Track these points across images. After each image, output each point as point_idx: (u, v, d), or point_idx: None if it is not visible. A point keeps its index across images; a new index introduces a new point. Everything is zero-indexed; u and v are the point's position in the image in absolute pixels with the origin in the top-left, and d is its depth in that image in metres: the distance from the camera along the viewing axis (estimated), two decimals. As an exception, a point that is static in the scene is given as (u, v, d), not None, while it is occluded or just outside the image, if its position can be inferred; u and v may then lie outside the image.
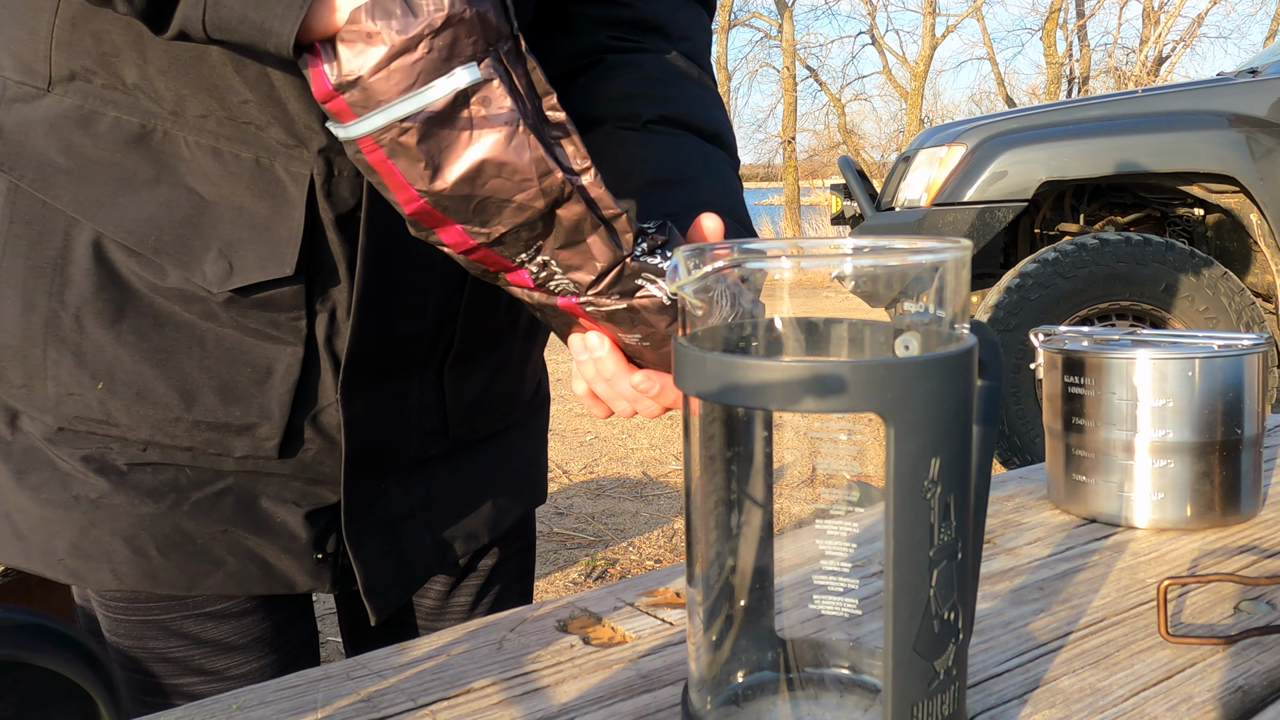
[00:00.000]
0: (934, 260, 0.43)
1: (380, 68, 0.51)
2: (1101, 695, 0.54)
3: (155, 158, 0.67)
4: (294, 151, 0.67)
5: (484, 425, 0.84)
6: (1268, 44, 12.97)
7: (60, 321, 0.68)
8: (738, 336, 0.47)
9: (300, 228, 0.67)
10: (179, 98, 0.66)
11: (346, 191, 0.68)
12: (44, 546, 0.70)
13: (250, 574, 0.73)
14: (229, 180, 0.67)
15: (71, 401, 0.69)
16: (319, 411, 0.72)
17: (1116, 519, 0.83)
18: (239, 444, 0.71)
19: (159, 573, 0.70)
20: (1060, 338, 0.89)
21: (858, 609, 0.45)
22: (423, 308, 0.75)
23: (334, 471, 0.74)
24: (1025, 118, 3.86)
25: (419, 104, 0.52)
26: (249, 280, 0.67)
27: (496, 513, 0.87)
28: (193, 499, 0.71)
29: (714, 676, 0.49)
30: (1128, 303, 3.42)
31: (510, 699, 0.54)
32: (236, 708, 0.54)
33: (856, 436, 0.44)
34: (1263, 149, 3.54)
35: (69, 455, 0.69)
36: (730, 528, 0.49)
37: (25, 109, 0.68)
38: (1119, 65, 19.62)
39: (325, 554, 0.75)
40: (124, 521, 0.69)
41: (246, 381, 0.70)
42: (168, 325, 0.69)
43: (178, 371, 0.69)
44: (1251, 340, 0.83)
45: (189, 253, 0.67)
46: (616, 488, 3.86)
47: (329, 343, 0.71)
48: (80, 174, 0.67)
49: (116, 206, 0.67)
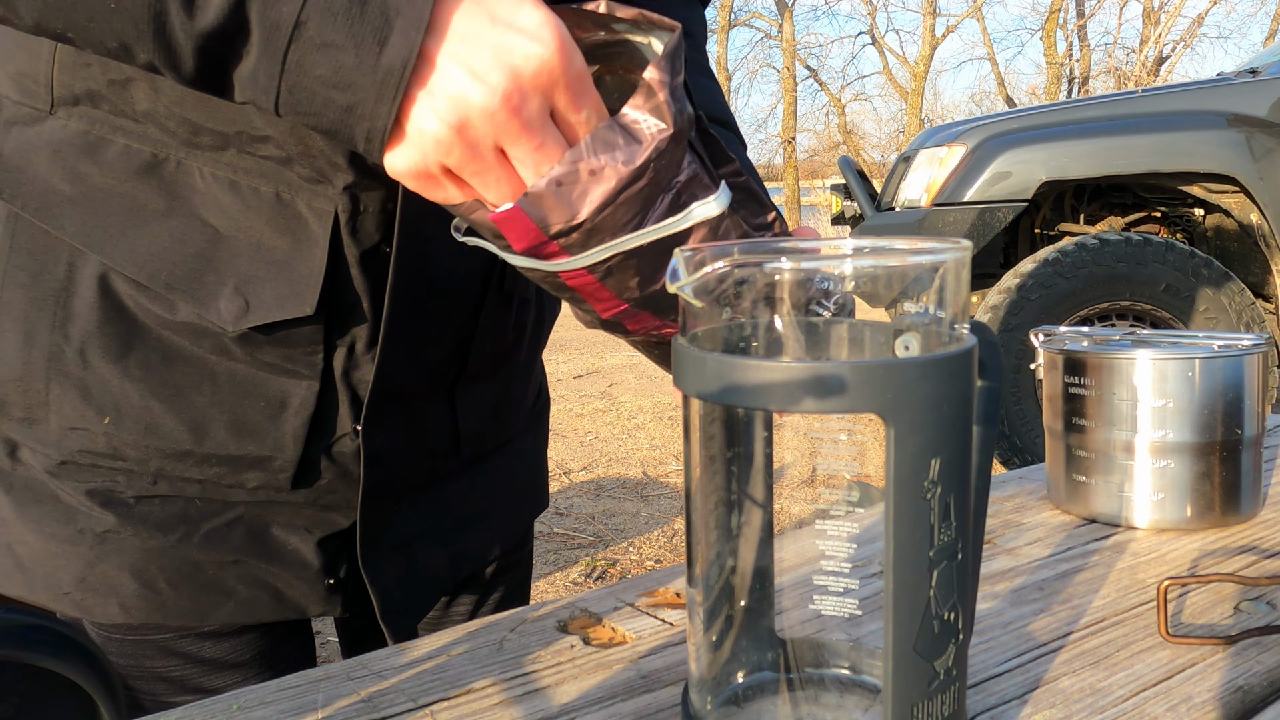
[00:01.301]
0: (934, 260, 0.43)
1: (607, 205, 0.48)
2: (1102, 695, 0.54)
3: (167, 189, 0.64)
4: (318, 187, 0.64)
5: (493, 439, 0.84)
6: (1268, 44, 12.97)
7: (64, 355, 0.66)
8: (737, 337, 0.47)
9: (322, 265, 0.64)
10: (194, 129, 0.63)
11: (372, 227, 0.66)
12: (48, 580, 0.68)
13: (262, 602, 0.71)
14: (247, 214, 0.64)
15: (76, 436, 0.67)
16: (334, 442, 0.70)
17: (1116, 519, 0.83)
18: (251, 476, 0.69)
19: (169, 605, 0.69)
20: (1060, 338, 0.89)
21: (858, 609, 0.45)
22: (442, 336, 0.74)
23: (346, 497, 0.73)
24: (1025, 118, 3.86)
25: (660, 234, 0.49)
26: (266, 319, 0.65)
27: (505, 523, 0.87)
28: (203, 530, 0.69)
29: (714, 677, 0.49)
30: (1128, 303, 3.42)
31: (510, 699, 0.54)
32: (237, 708, 0.54)
33: (856, 437, 0.44)
34: (1263, 149, 3.54)
35: (73, 489, 0.67)
36: (730, 528, 0.49)
37: (26, 132, 0.65)
38: (1119, 65, 19.61)
39: (337, 579, 0.74)
40: (132, 555, 0.68)
41: (260, 416, 0.68)
42: (177, 360, 0.66)
43: (188, 406, 0.67)
44: (1251, 340, 0.82)
45: (202, 288, 0.64)
46: (617, 488, 3.86)
47: (346, 376, 0.69)
48: (86, 203, 0.64)
49: (125, 238, 0.64)
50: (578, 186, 0.48)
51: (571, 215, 0.48)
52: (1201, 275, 3.40)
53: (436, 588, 0.81)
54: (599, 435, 4.64)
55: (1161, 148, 3.59)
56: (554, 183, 0.48)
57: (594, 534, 3.34)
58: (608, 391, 5.56)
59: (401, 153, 0.49)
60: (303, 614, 0.74)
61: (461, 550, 0.82)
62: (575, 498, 3.74)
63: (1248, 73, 3.82)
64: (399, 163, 0.49)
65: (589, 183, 0.48)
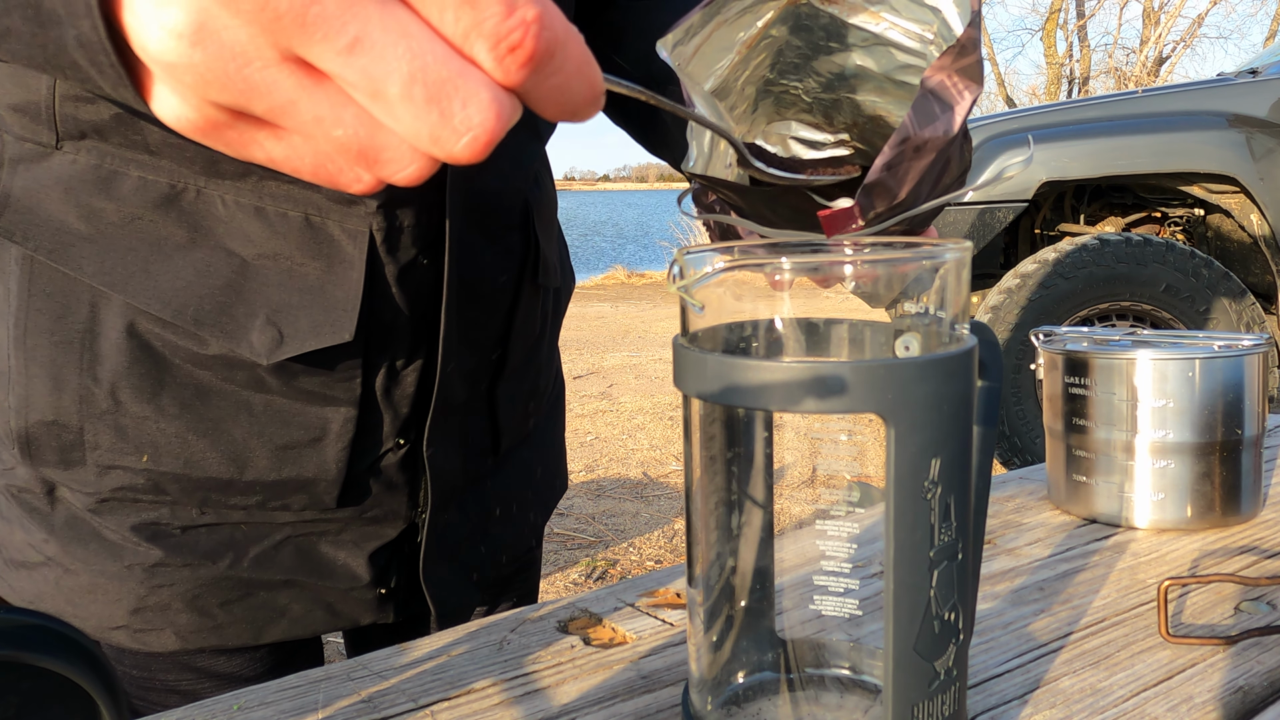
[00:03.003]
0: (934, 261, 0.43)
1: (923, 180, 0.44)
2: (1102, 695, 0.54)
3: (188, 220, 0.61)
4: (350, 209, 0.61)
5: (523, 430, 0.84)
6: (1268, 44, 12.96)
7: (94, 397, 0.63)
8: (738, 337, 0.47)
9: (359, 288, 0.62)
10: (213, 156, 0.60)
11: (409, 241, 0.64)
12: (99, 615, 0.67)
13: (316, 617, 0.71)
14: (275, 241, 0.61)
15: (115, 474, 0.65)
16: (378, 459, 0.70)
17: (1117, 519, 0.83)
18: (296, 499, 0.68)
19: (224, 628, 0.68)
20: (1060, 338, 0.89)
21: (858, 609, 0.45)
22: (484, 339, 0.74)
23: (392, 509, 0.72)
24: (1025, 118, 3.86)
25: (959, 200, 0.46)
26: (302, 349, 0.62)
27: (536, 511, 0.87)
28: (251, 554, 0.68)
29: (714, 677, 0.49)
30: (1128, 303, 3.42)
31: (511, 699, 0.54)
32: (237, 708, 0.54)
33: (857, 437, 0.44)
34: (1263, 149, 3.54)
35: (117, 525, 0.66)
36: (731, 528, 0.49)
37: (34, 170, 0.62)
38: (1119, 66, 19.62)
39: (389, 589, 0.74)
40: (184, 585, 0.67)
41: (301, 443, 0.66)
42: (212, 395, 0.64)
43: (227, 439, 0.65)
44: (1252, 341, 0.82)
45: (232, 321, 0.62)
46: (617, 488, 3.86)
47: (388, 393, 0.68)
48: (103, 241, 0.61)
49: (148, 275, 0.61)
50: (903, 165, 0.44)
51: (893, 197, 0.44)
52: (1202, 276, 3.40)
53: (482, 586, 0.81)
54: (599, 436, 4.64)
55: (1162, 148, 3.59)
56: (885, 168, 0.43)
57: (594, 534, 3.34)
58: (608, 392, 5.56)
59: (164, 101, 0.31)
60: (356, 624, 0.73)
61: (501, 545, 0.83)
62: (576, 498, 3.74)
63: (1248, 73, 3.82)
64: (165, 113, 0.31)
65: (912, 160, 0.44)
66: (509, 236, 0.75)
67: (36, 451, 0.65)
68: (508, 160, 0.74)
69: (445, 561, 0.76)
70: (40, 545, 0.67)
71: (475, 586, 0.80)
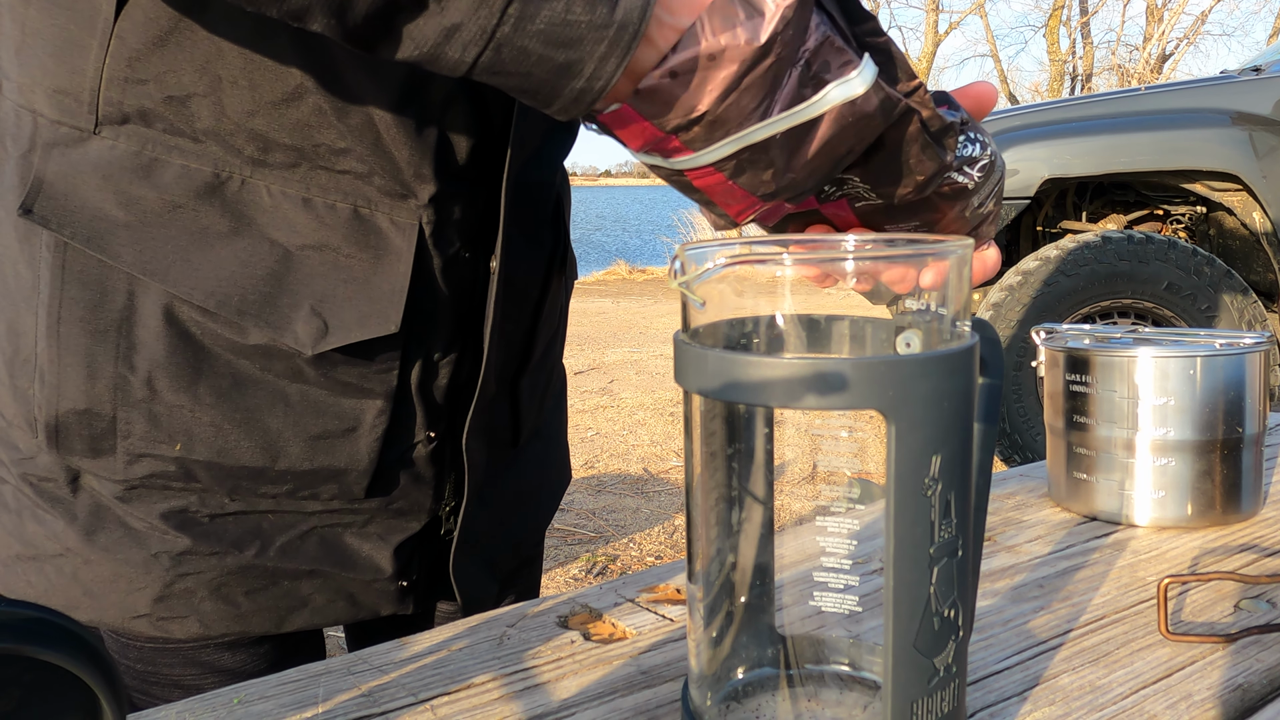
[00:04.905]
0: (936, 257, 0.43)
1: (730, 91, 0.42)
2: (1101, 693, 0.54)
3: (231, 209, 0.61)
4: (401, 202, 0.62)
5: (537, 421, 0.85)
6: (1271, 41, 12.95)
7: (129, 386, 0.63)
8: (739, 333, 0.47)
9: (406, 280, 0.62)
10: (265, 145, 0.59)
11: (454, 234, 0.64)
12: (121, 603, 0.67)
13: (338, 607, 0.72)
14: (321, 231, 0.61)
15: (145, 462, 0.65)
16: (408, 449, 0.70)
17: (1117, 517, 0.83)
18: (326, 489, 0.68)
19: (248, 616, 0.69)
20: (1062, 335, 0.89)
21: (858, 606, 0.45)
22: (513, 333, 0.75)
23: (418, 501, 0.72)
24: (1028, 115, 3.86)
25: (790, 123, 0.43)
26: (347, 339, 0.62)
27: (546, 501, 0.88)
28: (277, 544, 0.68)
29: (714, 673, 0.49)
30: (1129, 300, 3.42)
31: (511, 694, 0.54)
32: (237, 701, 0.54)
33: (857, 433, 0.44)
34: (1266, 147, 3.53)
35: (144, 514, 0.66)
36: (731, 524, 0.49)
37: (70, 155, 0.61)
38: (1122, 63, 19.59)
39: (410, 582, 0.74)
40: (210, 573, 0.67)
41: (334, 433, 0.66)
42: (249, 385, 0.64)
43: (261, 429, 0.65)
44: (1253, 339, 0.82)
45: (276, 312, 0.62)
46: (617, 484, 3.86)
47: (422, 386, 0.68)
48: (143, 230, 0.60)
49: (189, 265, 0.61)
50: (696, 75, 0.41)
51: (690, 108, 0.42)
52: (1203, 273, 3.40)
53: (501, 577, 0.82)
54: (600, 431, 4.64)
55: (1164, 145, 3.59)
56: (668, 73, 0.42)
57: (594, 530, 3.34)
58: (609, 388, 5.56)
59: None
60: (376, 614, 0.74)
61: (519, 536, 0.83)
62: (576, 493, 3.74)
63: (1251, 70, 3.81)
64: None
65: (708, 69, 0.41)
66: (542, 230, 0.77)
67: (64, 440, 0.65)
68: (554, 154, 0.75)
69: (471, 554, 0.77)
70: (59, 535, 0.67)
71: (495, 578, 0.81)
